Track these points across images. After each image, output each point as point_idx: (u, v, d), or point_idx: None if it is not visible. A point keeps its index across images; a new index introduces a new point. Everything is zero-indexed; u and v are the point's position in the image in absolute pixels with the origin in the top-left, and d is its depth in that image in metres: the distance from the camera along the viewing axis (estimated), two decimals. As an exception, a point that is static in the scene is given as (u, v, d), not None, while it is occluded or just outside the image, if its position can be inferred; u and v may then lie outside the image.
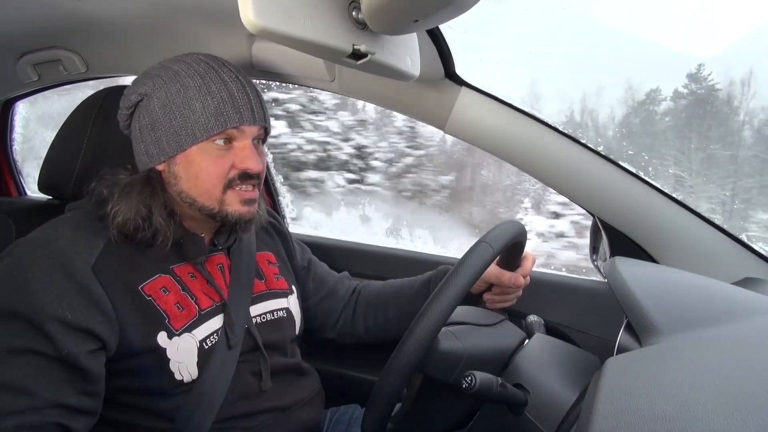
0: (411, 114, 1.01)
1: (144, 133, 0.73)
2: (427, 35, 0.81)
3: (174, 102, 0.70)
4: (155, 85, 0.72)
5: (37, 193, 0.96)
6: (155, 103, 0.71)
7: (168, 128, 0.70)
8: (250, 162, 0.72)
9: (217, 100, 0.70)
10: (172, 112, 0.70)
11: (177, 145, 0.71)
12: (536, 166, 0.94)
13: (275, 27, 0.52)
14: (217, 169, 0.71)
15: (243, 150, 0.72)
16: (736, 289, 0.66)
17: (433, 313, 0.61)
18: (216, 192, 0.72)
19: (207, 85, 0.70)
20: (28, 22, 1.01)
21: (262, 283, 0.86)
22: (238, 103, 0.71)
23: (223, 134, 0.71)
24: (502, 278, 0.87)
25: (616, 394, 0.38)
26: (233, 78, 0.72)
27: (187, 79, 0.70)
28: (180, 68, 0.72)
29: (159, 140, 0.71)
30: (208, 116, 0.69)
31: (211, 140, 0.71)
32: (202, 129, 0.70)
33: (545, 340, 0.77)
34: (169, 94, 0.70)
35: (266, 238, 0.95)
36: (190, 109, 0.69)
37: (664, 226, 0.89)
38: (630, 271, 0.63)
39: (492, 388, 0.61)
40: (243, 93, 0.72)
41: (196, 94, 0.70)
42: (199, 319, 0.73)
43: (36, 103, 1.54)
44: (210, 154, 0.71)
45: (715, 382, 0.37)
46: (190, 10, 0.92)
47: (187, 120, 0.70)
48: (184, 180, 0.72)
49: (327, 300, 1.00)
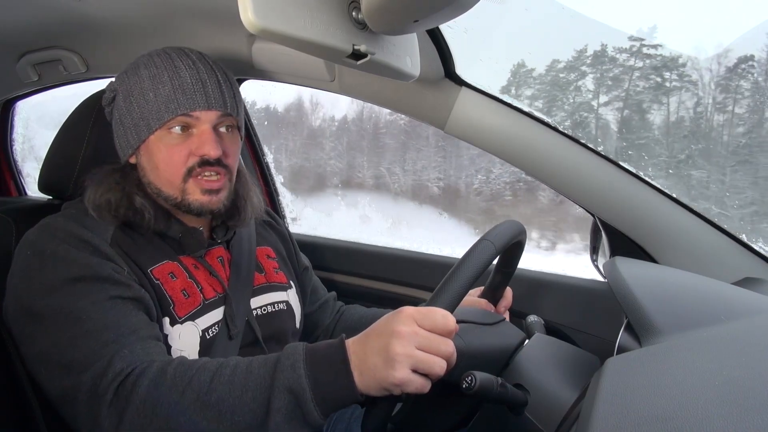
0: (411, 114, 1.01)
1: (116, 128, 0.76)
2: (427, 35, 0.81)
3: (132, 94, 0.72)
4: (120, 80, 0.74)
5: (37, 193, 0.96)
6: (120, 97, 0.74)
7: (130, 120, 0.72)
8: (206, 147, 0.71)
9: (168, 88, 0.70)
10: (131, 104, 0.72)
11: (137, 136, 0.72)
12: (536, 166, 0.94)
13: (275, 27, 0.52)
14: (174, 157, 0.72)
15: (200, 136, 0.72)
16: (736, 289, 0.66)
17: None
18: (176, 181, 0.73)
19: (160, 74, 0.71)
20: (28, 22, 1.01)
21: (262, 276, 0.87)
22: (189, 90, 0.71)
23: (177, 121, 0.71)
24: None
25: (616, 394, 0.38)
26: (189, 65, 0.72)
27: (143, 70, 0.72)
28: (141, 60, 0.74)
29: (125, 133, 0.74)
30: (160, 104, 0.70)
31: (167, 129, 0.71)
32: (155, 117, 0.71)
33: (545, 340, 0.77)
34: (129, 86, 0.72)
35: (265, 233, 0.96)
36: (145, 99, 0.71)
37: (664, 226, 0.89)
38: (630, 271, 0.63)
39: (492, 388, 0.61)
40: (197, 80, 0.72)
41: (150, 84, 0.71)
42: (203, 309, 0.74)
43: (36, 103, 1.54)
44: (167, 143, 0.72)
45: (715, 382, 0.37)
46: (190, 11, 0.92)
47: (143, 110, 0.71)
48: (149, 170, 0.74)
49: (317, 313, 1.01)
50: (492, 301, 0.89)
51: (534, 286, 1.08)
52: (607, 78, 1.49)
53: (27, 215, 0.92)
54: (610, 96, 1.50)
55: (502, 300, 0.90)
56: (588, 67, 1.59)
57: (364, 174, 2.59)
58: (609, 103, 1.52)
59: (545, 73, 1.30)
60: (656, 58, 1.44)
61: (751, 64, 1.53)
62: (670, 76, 1.22)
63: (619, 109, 1.55)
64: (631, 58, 1.41)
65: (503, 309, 0.90)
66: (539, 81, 1.31)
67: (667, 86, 1.40)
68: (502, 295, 0.89)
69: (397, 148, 2.56)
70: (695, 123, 1.57)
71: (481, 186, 2.23)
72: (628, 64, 1.39)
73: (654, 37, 1.39)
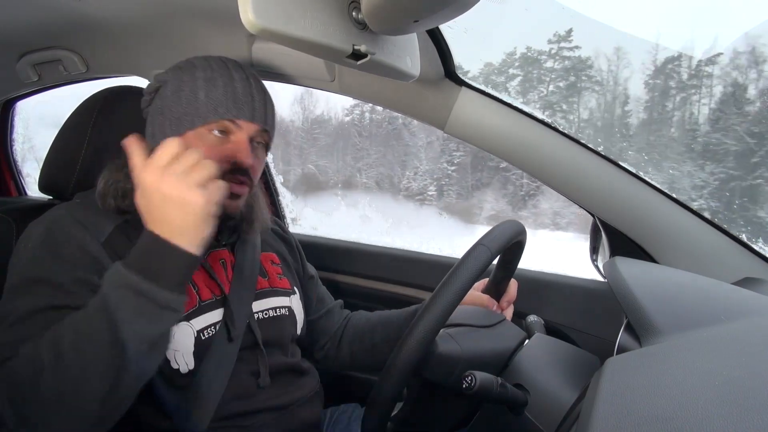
0: (411, 114, 1.01)
1: (154, 117, 0.77)
2: (427, 35, 0.81)
3: (183, 90, 0.74)
4: (173, 73, 0.76)
5: (37, 193, 0.96)
6: (169, 89, 0.75)
7: (174, 113, 0.74)
8: (242, 155, 0.74)
9: (220, 92, 0.73)
10: (179, 99, 0.74)
11: (177, 128, 0.74)
12: (536, 166, 0.94)
13: (275, 27, 0.52)
14: (210, 156, 0.72)
15: (238, 143, 0.75)
16: (736, 289, 0.66)
17: (431, 314, 0.61)
18: None
19: (214, 78, 0.74)
20: (28, 22, 1.01)
21: (265, 281, 0.87)
22: (239, 100, 0.74)
23: (220, 124, 0.74)
24: (489, 306, 0.88)
25: (616, 394, 0.38)
26: (242, 78, 0.76)
27: (199, 71, 0.75)
28: (197, 62, 0.77)
29: (163, 124, 0.75)
30: (209, 105, 0.73)
31: (209, 128, 0.73)
32: (201, 116, 0.73)
33: (545, 340, 0.77)
34: (181, 82, 0.75)
35: (271, 240, 0.96)
36: (195, 97, 0.73)
37: (664, 226, 0.89)
38: (630, 271, 0.63)
39: (492, 388, 0.61)
40: (247, 92, 0.75)
41: (204, 84, 0.74)
42: (199, 310, 0.75)
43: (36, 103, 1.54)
44: (205, 141, 0.74)
45: (715, 382, 0.37)
46: (190, 11, 0.92)
47: (190, 106, 0.73)
48: None
49: (324, 320, 1.01)
50: (495, 297, 0.89)
51: (534, 286, 1.08)
52: (532, 78, 1.54)
53: (27, 215, 0.92)
54: (532, 95, 1.55)
55: (506, 295, 0.89)
56: (516, 69, 1.65)
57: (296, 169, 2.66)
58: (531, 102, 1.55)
59: (478, 75, 1.33)
60: (572, 59, 1.51)
61: (678, 63, 1.63)
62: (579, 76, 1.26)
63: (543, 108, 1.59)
64: (549, 59, 1.46)
65: (506, 304, 0.89)
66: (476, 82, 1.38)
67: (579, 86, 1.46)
68: (505, 290, 0.89)
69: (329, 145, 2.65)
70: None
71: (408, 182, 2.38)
72: (547, 65, 1.44)
73: (570, 40, 1.46)
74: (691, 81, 1.75)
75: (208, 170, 0.59)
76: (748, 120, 1.70)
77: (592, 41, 1.52)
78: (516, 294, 0.90)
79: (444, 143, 2.66)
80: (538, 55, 1.43)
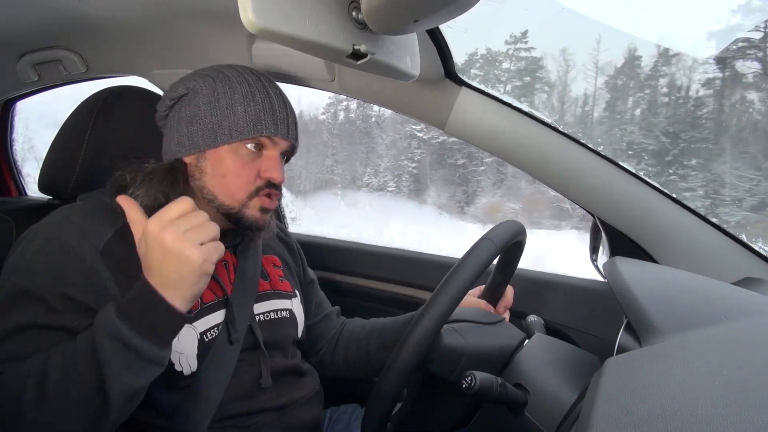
0: (411, 114, 1.01)
1: (181, 124, 0.76)
2: (427, 35, 0.81)
3: (219, 101, 0.74)
4: (205, 82, 0.75)
5: (37, 193, 0.96)
6: (201, 98, 0.74)
7: (207, 123, 0.74)
8: (275, 172, 0.75)
9: (259, 108, 0.74)
10: (214, 110, 0.73)
11: (212, 140, 0.74)
12: (536, 166, 0.94)
13: (275, 27, 0.52)
14: (245, 172, 0.75)
15: (270, 160, 0.75)
16: (736, 289, 0.66)
17: (436, 308, 0.61)
18: (240, 195, 0.75)
19: (252, 92, 0.74)
20: (28, 22, 1.01)
21: (266, 284, 0.87)
22: (277, 116, 0.75)
23: (257, 140, 0.74)
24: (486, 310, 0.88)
25: (616, 394, 0.38)
26: (277, 94, 0.77)
27: (236, 84, 0.75)
28: (230, 73, 0.76)
29: (194, 133, 0.74)
30: (248, 120, 0.73)
31: (244, 143, 0.74)
32: (240, 131, 0.73)
33: (545, 340, 0.77)
34: (216, 93, 0.74)
35: (273, 243, 0.97)
36: (233, 111, 0.73)
37: (664, 226, 0.89)
38: (630, 271, 0.63)
39: (492, 388, 0.61)
40: (283, 108, 0.76)
41: (241, 98, 0.73)
42: (201, 312, 0.74)
43: (36, 103, 1.54)
44: (240, 156, 0.74)
45: (715, 382, 0.37)
46: (190, 11, 0.92)
47: (227, 119, 0.73)
48: (210, 176, 0.75)
49: (322, 324, 1.01)
50: (491, 302, 0.89)
51: (534, 286, 1.08)
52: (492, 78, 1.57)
53: (27, 215, 0.92)
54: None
55: (502, 300, 0.90)
56: (477, 69, 1.69)
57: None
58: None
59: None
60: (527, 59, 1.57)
61: (638, 63, 1.71)
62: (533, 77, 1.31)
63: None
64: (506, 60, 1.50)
65: (503, 309, 0.90)
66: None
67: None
68: (501, 295, 0.89)
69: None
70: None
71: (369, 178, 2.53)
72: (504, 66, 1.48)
73: (525, 42, 1.52)
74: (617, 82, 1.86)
75: (212, 233, 0.61)
76: (665, 120, 1.80)
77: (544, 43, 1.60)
78: (512, 300, 0.91)
79: (408, 141, 2.78)
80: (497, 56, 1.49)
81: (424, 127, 2.68)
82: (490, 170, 2.49)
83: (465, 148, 2.63)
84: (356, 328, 1.00)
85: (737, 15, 1.50)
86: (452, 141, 2.62)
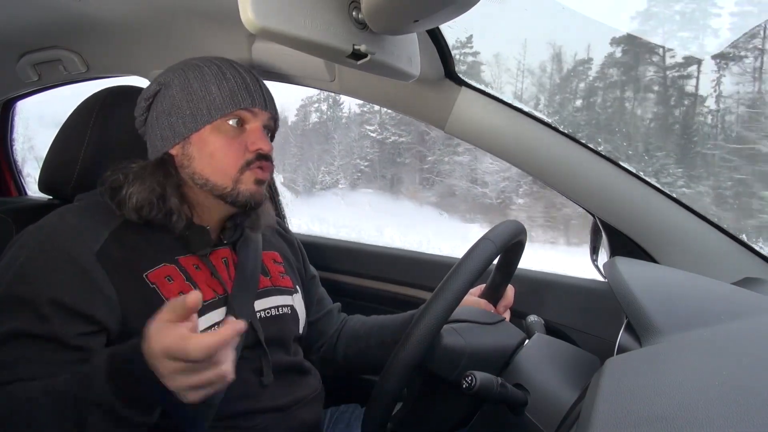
0: (411, 114, 1.01)
1: (161, 119, 0.77)
2: (427, 35, 0.81)
3: (192, 86, 0.75)
4: (175, 74, 0.77)
5: (37, 193, 0.96)
6: (174, 89, 0.76)
7: (185, 110, 0.75)
8: (261, 142, 0.76)
9: (231, 84, 0.75)
10: (189, 95, 0.75)
11: (193, 125, 0.75)
12: (536, 166, 0.94)
13: (275, 27, 0.52)
14: (232, 148, 0.76)
15: (254, 132, 0.77)
16: (736, 289, 0.66)
17: (436, 308, 0.61)
18: (231, 171, 0.76)
19: (222, 72, 0.76)
20: (28, 22, 1.01)
21: (267, 280, 0.87)
22: (251, 88, 0.76)
23: (236, 115, 0.76)
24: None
25: (616, 394, 0.38)
26: (246, 71, 0.79)
27: (205, 68, 0.77)
28: (198, 62, 0.78)
29: (174, 123, 0.75)
30: (224, 97, 0.75)
31: (225, 120, 0.75)
32: (217, 108, 0.74)
33: (545, 340, 0.77)
34: (188, 79, 0.76)
35: (272, 239, 0.96)
36: (207, 91, 0.75)
37: (664, 226, 0.89)
38: (630, 271, 0.63)
39: (492, 388, 0.61)
40: (255, 82, 0.78)
41: (213, 78, 0.75)
42: (201, 310, 0.74)
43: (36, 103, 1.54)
44: (224, 134, 0.75)
45: (715, 382, 0.37)
46: (190, 11, 0.92)
47: (203, 101, 0.74)
48: (198, 160, 0.76)
49: (323, 321, 1.01)
50: (492, 301, 0.89)
51: (534, 286, 1.08)
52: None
53: (27, 215, 0.92)
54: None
55: (503, 300, 0.89)
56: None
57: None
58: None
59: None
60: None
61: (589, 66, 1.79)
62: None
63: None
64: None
65: (503, 309, 0.90)
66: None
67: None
68: (502, 295, 0.89)
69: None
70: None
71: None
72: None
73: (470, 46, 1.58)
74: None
75: (210, 389, 0.55)
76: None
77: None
78: (513, 299, 0.91)
79: (360, 141, 2.96)
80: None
81: (377, 127, 2.81)
82: (432, 169, 2.71)
83: (414, 147, 2.77)
84: (357, 325, 1.00)
85: (636, 21, 1.60)
86: (402, 141, 2.77)
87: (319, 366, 0.97)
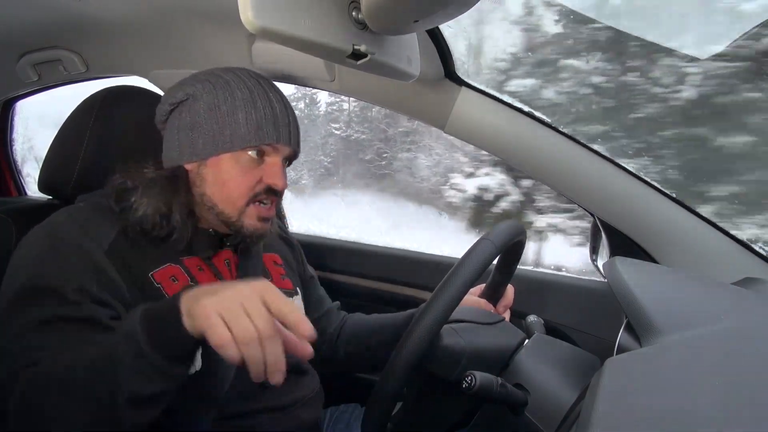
0: (411, 114, 1.01)
1: (181, 131, 0.74)
2: (427, 35, 0.81)
3: (220, 108, 0.72)
4: (204, 88, 0.74)
5: (37, 193, 0.96)
6: (201, 105, 0.73)
7: (207, 131, 0.72)
8: (277, 179, 0.74)
9: (260, 114, 0.72)
10: (215, 117, 0.72)
11: (213, 148, 0.72)
12: (536, 165, 0.94)
13: (275, 27, 0.52)
14: (246, 179, 0.74)
15: (273, 166, 0.75)
16: (736, 289, 0.66)
17: (436, 308, 0.61)
18: (239, 203, 0.74)
19: (254, 99, 0.73)
20: (28, 22, 1.01)
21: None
22: (279, 122, 0.73)
23: (258, 148, 0.73)
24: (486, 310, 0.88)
25: (616, 394, 0.38)
26: (278, 99, 0.75)
27: (236, 90, 0.73)
28: (230, 78, 0.74)
29: (195, 140, 0.73)
30: (249, 129, 0.72)
31: (246, 151, 0.73)
32: (241, 139, 0.72)
33: (545, 340, 0.77)
34: (217, 99, 0.72)
35: (273, 241, 0.96)
36: (234, 118, 0.72)
37: (664, 226, 0.89)
38: (630, 271, 0.63)
39: (492, 388, 0.61)
40: (284, 114, 0.75)
41: (243, 105, 0.72)
42: None
43: (36, 103, 1.54)
44: (241, 164, 0.73)
45: (716, 382, 0.37)
46: (190, 11, 0.92)
47: (228, 127, 0.72)
48: (210, 184, 0.74)
49: (322, 320, 1.01)
50: (492, 301, 0.89)
51: (534, 286, 1.08)
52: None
53: (27, 215, 0.92)
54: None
55: (502, 299, 0.90)
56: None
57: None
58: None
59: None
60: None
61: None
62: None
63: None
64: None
65: (503, 309, 0.90)
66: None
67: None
68: (502, 295, 0.89)
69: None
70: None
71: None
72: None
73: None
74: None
75: (272, 355, 0.53)
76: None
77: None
78: (513, 299, 0.91)
79: (324, 139, 3.05)
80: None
81: (342, 125, 2.87)
82: (389, 165, 2.85)
83: (374, 145, 2.86)
84: (357, 323, 1.00)
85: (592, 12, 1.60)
86: (363, 138, 2.86)
87: (320, 366, 0.97)
